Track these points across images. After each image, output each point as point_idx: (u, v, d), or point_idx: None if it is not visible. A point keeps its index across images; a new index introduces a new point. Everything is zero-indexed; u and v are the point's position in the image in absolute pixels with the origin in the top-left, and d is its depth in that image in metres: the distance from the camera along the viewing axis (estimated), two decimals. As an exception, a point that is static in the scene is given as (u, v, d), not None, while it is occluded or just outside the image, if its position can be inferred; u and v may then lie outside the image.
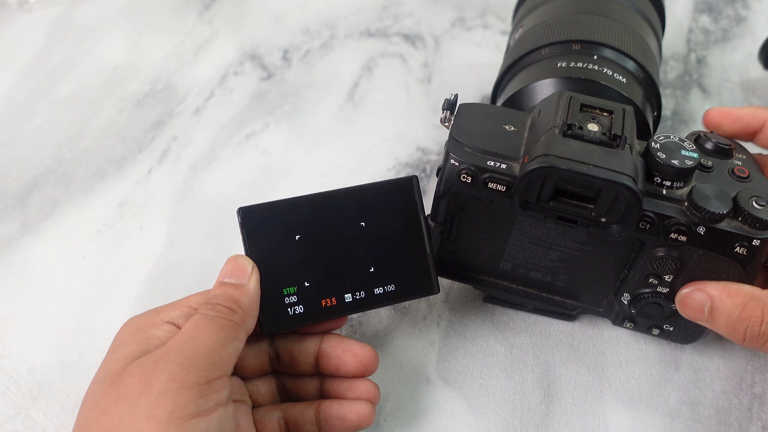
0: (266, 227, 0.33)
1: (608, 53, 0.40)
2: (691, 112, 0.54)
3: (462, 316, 0.40)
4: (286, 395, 0.35)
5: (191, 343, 0.28)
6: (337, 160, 0.50)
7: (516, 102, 0.39)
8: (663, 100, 0.55)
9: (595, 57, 0.39)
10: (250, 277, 0.32)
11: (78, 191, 0.48)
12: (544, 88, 0.38)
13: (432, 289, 0.35)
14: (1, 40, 0.62)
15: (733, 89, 0.56)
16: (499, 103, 0.41)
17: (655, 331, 0.36)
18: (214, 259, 0.44)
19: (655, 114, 0.41)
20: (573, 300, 0.37)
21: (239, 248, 0.33)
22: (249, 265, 0.32)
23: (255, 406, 0.33)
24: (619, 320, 0.37)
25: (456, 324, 0.40)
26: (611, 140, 0.30)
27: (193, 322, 0.30)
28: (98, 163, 0.50)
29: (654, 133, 0.41)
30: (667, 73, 0.58)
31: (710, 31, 0.62)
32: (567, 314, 0.39)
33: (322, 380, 0.34)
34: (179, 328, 0.30)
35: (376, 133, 0.53)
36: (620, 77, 0.39)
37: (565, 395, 0.37)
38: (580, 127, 0.30)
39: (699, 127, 0.53)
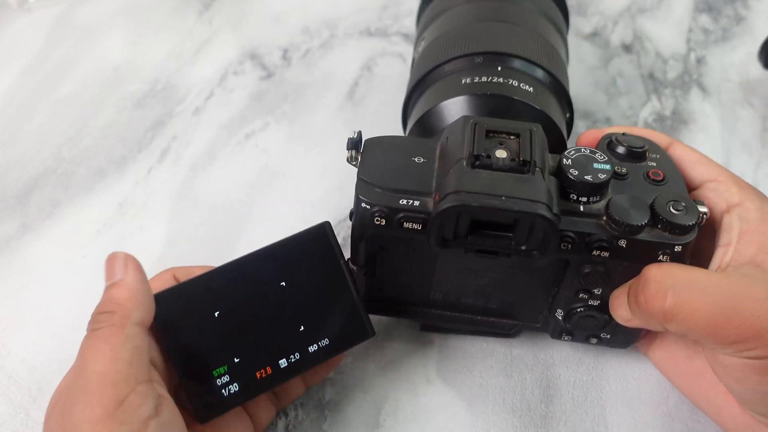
0: (181, 312, 0.31)
1: (512, 63, 0.39)
2: (690, 111, 0.54)
3: (462, 315, 0.40)
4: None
5: (82, 373, 0.26)
6: (336, 160, 0.50)
7: (425, 124, 0.38)
8: (663, 99, 0.55)
9: (500, 68, 0.38)
10: (125, 270, 0.29)
11: (78, 191, 0.48)
12: (452, 108, 0.37)
13: (367, 334, 0.34)
14: (1, 40, 0.62)
15: (732, 89, 0.56)
16: (410, 124, 0.40)
17: (593, 341, 0.36)
18: (214, 259, 0.44)
19: (568, 116, 0.41)
20: (509, 319, 0.37)
21: (239, 248, 0.33)
22: (121, 258, 0.30)
23: None
24: (556, 334, 0.36)
25: (456, 324, 0.40)
26: (521, 166, 0.29)
27: (81, 346, 0.27)
28: (98, 163, 0.50)
29: (568, 135, 0.40)
30: (667, 72, 0.58)
31: (710, 30, 0.62)
32: (506, 333, 0.38)
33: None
34: None
35: (376, 133, 0.53)
36: (527, 87, 0.37)
37: (565, 395, 0.37)
38: (488, 156, 0.29)
39: (699, 126, 0.53)
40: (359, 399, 0.37)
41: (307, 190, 0.48)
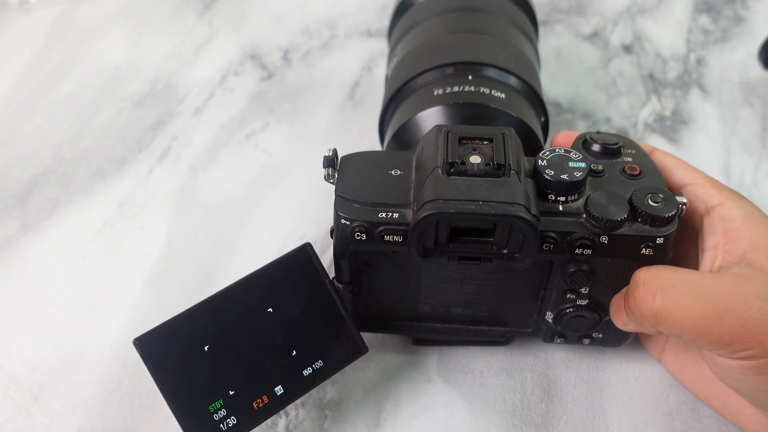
0: (170, 350, 0.31)
1: (483, 71, 0.39)
2: (690, 111, 0.54)
3: (462, 315, 0.40)
4: None
5: None
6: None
7: (402, 138, 0.38)
8: (663, 99, 0.55)
9: (471, 77, 0.38)
10: None
11: (78, 191, 0.48)
12: (426, 120, 0.37)
13: (360, 351, 0.33)
14: (1, 40, 0.62)
15: (732, 89, 0.56)
16: (387, 138, 0.40)
17: (586, 341, 0.36)
18: (214, 259, 0.44)
19: (543, 120, 0.41)
20: (500, 326, 0.37)
21: (240, 248, 0.33)
22: None
23: None
24: (548, 337, 0.36)
25: (456, 323, 0.40)
26: (496, 170, 0.29)
27: None
28: (98, 163, 0.50)
29: (545, 139, 0.40)
30: (667, 73, 0.58)
31: (710, 31, 0.62)
32: (498, 341, 0.38)
33: None
34: None
35: (376, 133, 0.53)
36: (500, 94, 0.38)
37: (565, 394, 0.37)
38: (463, 162, 0.29)
39: (698, 126, 0.53)
40: (360, 398, 0.37)
41: (307, 191, 0.48)
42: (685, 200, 0.30)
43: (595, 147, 0.33)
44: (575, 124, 0.53)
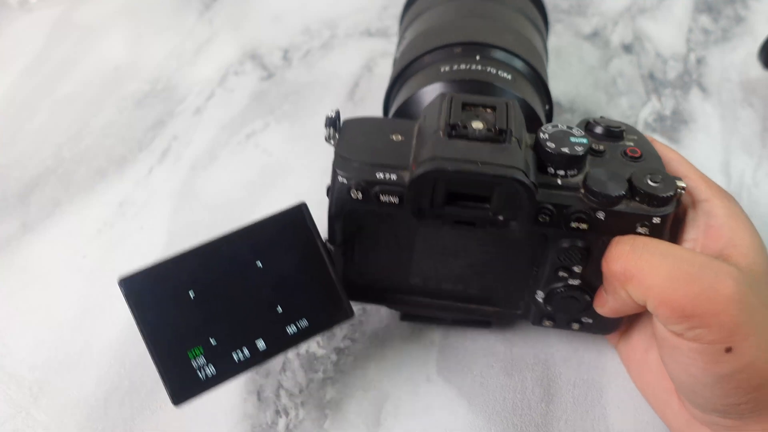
0: (155, 292, 0.30)
1: (491, 53, 0.39)
2: (690, 111, 0.54)
3: (462, 315, 0.40)
4: None
5: None
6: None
7: (405, 112, 0.38)
8: (663, 99, 0.55)
9: (478, 58, 0.39)
10: None
11: (78, 191, 0.48)
12: (431, 94, 0.37)
13: (346, 314, 0.33)
14: (1, 40, 0.62)
15: (732, 89, 0.56)
16: (390, 115, 0.40)
17: (576, 326, 0.36)
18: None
19: (547, 108, 0.41)
20: (489, 306, 0.37)
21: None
22: None
23: None
24: (537, 319, 0.36)
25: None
26: (497, 135, 0.29)
27: None
28: (99, 163, 0.50)
29: None
30: (667, 72, 0.58)
31: (710, 30, 0.62)
32: (486, 322, 0.38)
33: None
34: None
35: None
36: (505, 74, 0.38)
37: (565, 394, 0.37)
38: (464, 126, 0.29)
39: (698, 126, 0.53)
40: (360, 398, 0.37)
41: (307, 191, 0.48)
42: (684, 185, 0.30)
43: (598, 129, 0.33)
44: (575, 123, 0.53)
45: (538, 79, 0.40)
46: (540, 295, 0.34)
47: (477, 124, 0.30)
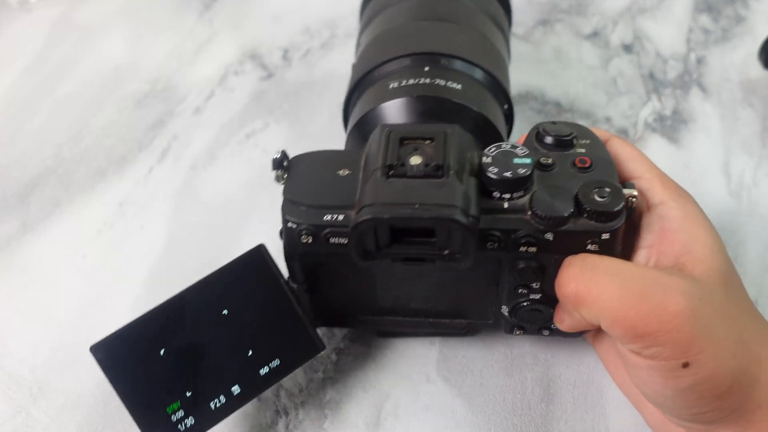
0: (126, 355, 0.31)
1: (440, 62, 0.38)
2: (690, 111, 0.54)
3: (462, 315, 0.40)
4: None
5: None
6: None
7: (360, 131, 0.38)
8: (663, 99, 0.55)
9: (427, 69, 0.38)
10: None
11: (78, 191, 0.48)
12: (382, 113, 0.37)
13: (316, 349, 0.34)
14: (1, 40, 0.62)
15: (732, 89, 0.56)
16: (348, 131, 0.40)
17: (545, 332, 0.36)
18: (214, 259, 0.44)
19: (506, 107, 0.40)
20: (461, 319, 0.36)
21: (240, 248, 0.33)
22: None
23: None
24: (508, 329, 0.36)
25: (456, 323, 0.40)
26: (434, 171, 0.29)
27: None
28: (99, 163, 0.50)
29: (510, 127, 0.40)
30: (667, 72, 0.58)
31: (710, 30, 0.62)
32: (460, 333, 0.38)
33: None
34: None
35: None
36: (455, 85, 0.37)
37: (565, 394, 0.37)
38: (402, 164, 0.29)
39: (698, 126, 0.53)
40: (360, 398, 0.37)
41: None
42: (635, 192, 0.30)
43: (548, 139, 0.32)
44: (577, 122, 0.53)
45: (493, 82, 0.40)
46: (505, 310, 0.34)
47: (415, 160, 0.29)
